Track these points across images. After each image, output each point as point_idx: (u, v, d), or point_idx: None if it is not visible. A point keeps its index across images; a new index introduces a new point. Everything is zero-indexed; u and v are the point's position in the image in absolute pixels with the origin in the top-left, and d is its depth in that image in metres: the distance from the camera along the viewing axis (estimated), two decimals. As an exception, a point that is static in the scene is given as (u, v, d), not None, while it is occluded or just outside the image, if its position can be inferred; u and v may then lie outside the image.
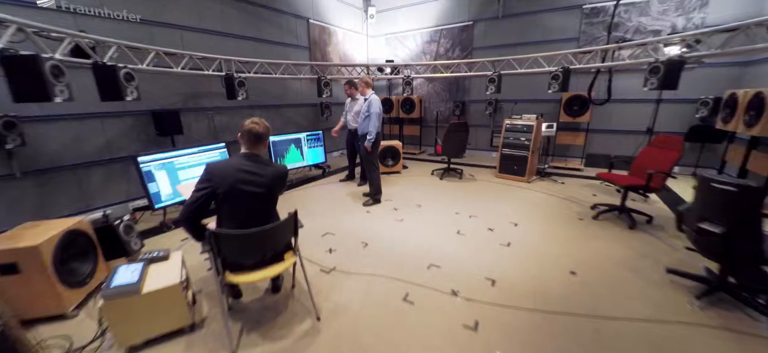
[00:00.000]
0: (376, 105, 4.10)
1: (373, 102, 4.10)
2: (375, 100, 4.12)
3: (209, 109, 5.00)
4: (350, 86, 4.89)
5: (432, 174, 5.91)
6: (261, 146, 2.16)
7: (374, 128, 4.09)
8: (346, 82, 4.96)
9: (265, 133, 2.14)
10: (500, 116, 7.09)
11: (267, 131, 2.17)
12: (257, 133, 2.10)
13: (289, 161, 5.31)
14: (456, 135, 5.27)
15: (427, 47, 7.68)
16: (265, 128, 2.15)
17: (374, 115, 4.07)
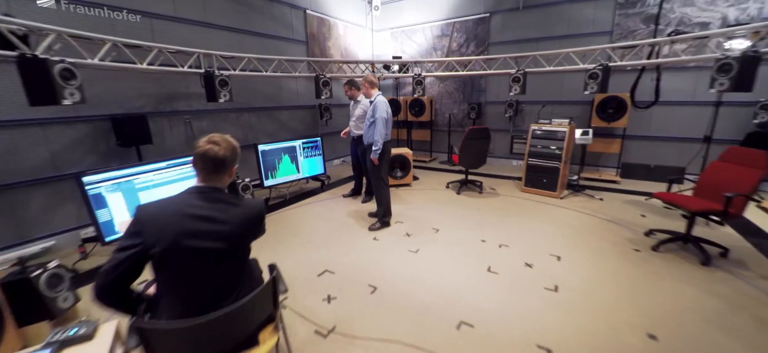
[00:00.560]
0: (383, 108, 3.37)
1: (379, 105, 3.37)
2: (381, 102, 3.39)
3: (187, 112, 4.26)
4: (351, 87, 4.16)
5: (447, 187, 5.16)
6: (223, 176, 1.42)
7: (381, 136, 3.36)
8: (346, 82, 4.22)
9: (229, 156, 1.39)
10: (521, 120, 6.35)
11: (233, 153, 1.42)
12: (216, 158, 1.35)
13: (282, 174, 4.57)
14: (475, 143, 4.52)
15: (438, 42, 6.93)
16: (230, 149, 1.40)
17: (380, 121, 3.34)
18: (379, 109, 3.34)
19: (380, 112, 3.34)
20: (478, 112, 6.53)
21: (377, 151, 3.38)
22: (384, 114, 3.36)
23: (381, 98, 3.43)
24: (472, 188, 5.01)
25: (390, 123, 3.50)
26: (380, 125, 3.33)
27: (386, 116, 3.39)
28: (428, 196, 4.77)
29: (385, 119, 3.37)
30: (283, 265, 2.90)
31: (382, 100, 3.41)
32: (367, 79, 3.47)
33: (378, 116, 3.33)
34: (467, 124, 6.93)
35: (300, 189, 5.18)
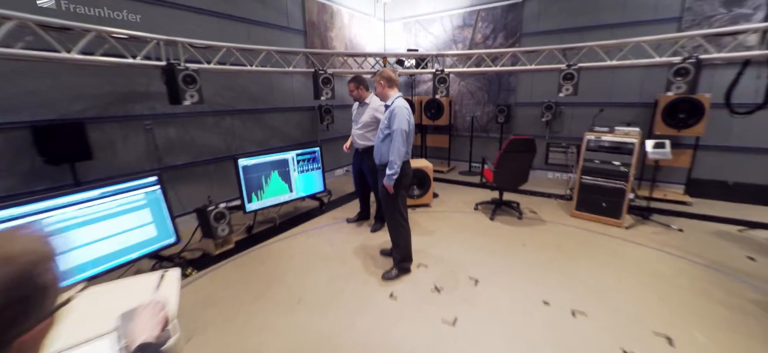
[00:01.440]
0: (404, 117, 2.40)
1: (399, 112, 2.39)
2: (402, 109, 2.42)
3: (147, 118, 3.33)
4: (358, 85, 3.21)
5: (476, 209, 4.17)
6: None
7: (400, 156, 2.40)
8: (351, 79, 3.25)
9: None
10: (559, 124, 5.33)
11: None
12: None
13: (270, 195, 3.62)
14: (516, 157, 3.52)
15: (459, 34, 5.93)
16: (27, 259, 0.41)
17: (400, 135, 2.37)
18: (398, 117, 2.38)
19: (400, 121, 2.37)
20: (507, 115, 5.53)
21: (394, 175, 2.41)
22: (405, 125, 2.40)
23: (402, 102, 2.46)
24: (508, 211, 4.02)
25: (412, 136, 2.54)
26: (399, 140, 2.37)
27: (408, 128, 2.42)
28: (455, 222, 3.78)
29: (406, 132, 2.40)
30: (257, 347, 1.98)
31: (403, 105, 2.44)
32: (384, 75, 2.50)
33: (397, 128, 2.36)
34: (493, 129, 5.93)
35: (295, 208, 4.23)
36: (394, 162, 2.38)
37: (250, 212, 3.52)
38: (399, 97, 2.49)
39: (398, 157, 2.38)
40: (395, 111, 2.39)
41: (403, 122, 2.37)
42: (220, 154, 4.00)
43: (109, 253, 2.29)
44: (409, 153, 2.54)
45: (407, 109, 2.44)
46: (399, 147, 2.37)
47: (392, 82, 2.51)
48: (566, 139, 5.34)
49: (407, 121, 2.41)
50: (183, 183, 3.69)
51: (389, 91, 2.51)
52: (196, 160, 3.77)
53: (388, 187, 2.47)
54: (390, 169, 2.40)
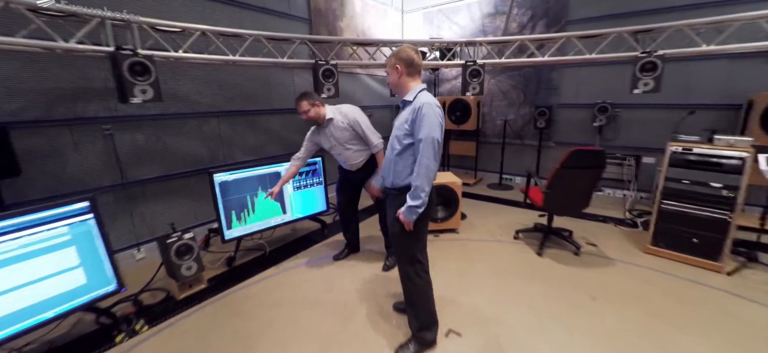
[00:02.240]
0: (436, 120, 1.59)
1: (429, 111, 1.57)
2: (432, 105, 1.60)
3: (106, 120, 2.67)
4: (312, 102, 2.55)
5: (516, 237, 3.30)
6: None
7: (429, 178, 1.59)
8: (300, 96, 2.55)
9: None
10: (614, 130, 4.38)
11: None
12: None
13: (257, 218, 2.89)
14: (580, 176, 2.63)
15: (490, 23, 5.07)
16: None
17: (431, 146, 1.56)
18: (429, 120, 1.56)
19: (432, 127, 1.56)
20: (548, 119, 4.62)
21: (419, 208, 1.62)
22: (438, 131, 1.58)
23: (429, 97, 1.64)
24: (558, 242, 3.14)
25: (441, 148, 1.71)
26: (430, 154, 1.56)
27: (439, 136, 1.61)
28: (492, 257, 2.93)
29: (439, 143, 1.60)
30: None
31: (432, 101, 1.62)
32: (402, 56, 1.68)
33: (427, 136, 1.55)
34: (530, 135, 5.03)
35: (292, 230, 3.49)
36: (420, 188, 1.58)
37: (232, 240, 2.80)
38: (424, 90, 1.68)
39: (427, 181, 1.58)
40: (423, 110, 1.56)
41: (435, 128, 1.56)
42: (203, 165, 3.32)
43: (12, 312, 1.61)
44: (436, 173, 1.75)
45: (439, 107, 1.63)
46: (429, 165, 1.56)
47: (413, 68, 1.69)
48: (622, 149, 4.39)
49: (439, 125, 1.59)
50: (154, 201, 3.02)
51: (409, 80, 1.70)
52: (172, 173, 3.10)
53: (407, 224, 1.67)
54: (413, 198, 1.60)
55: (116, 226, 2.81)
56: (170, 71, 2.98)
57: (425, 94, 1.65)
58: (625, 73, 4.08)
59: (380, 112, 5.41)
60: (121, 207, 2.82)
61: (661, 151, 4.22)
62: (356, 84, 5.04)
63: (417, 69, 1.70)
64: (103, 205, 2.71)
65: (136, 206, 2.92)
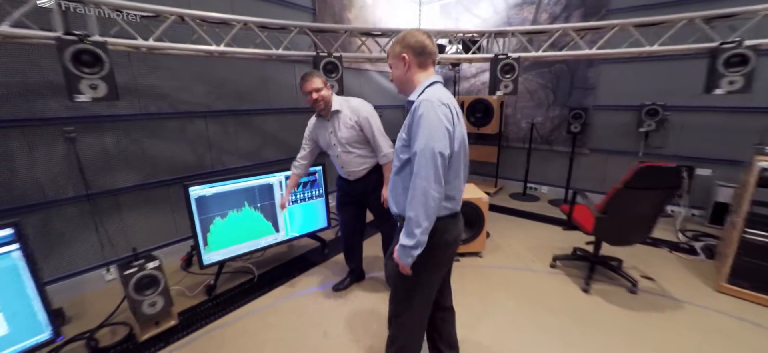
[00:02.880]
0: (438, 122, 1.10)
1: (429, 110, 1.10)
2: (435, 104, 1.11)
3: (68, 121, 2.26)
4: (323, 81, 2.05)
5: (554, 265, 2.76)
6: None
7: (426, 208, 1.10)
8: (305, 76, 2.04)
9: None
10: (662, 137, 3.77)
11: None
12: None
13: (243, 238, 2.43)
14: (647, 198, 2.04)
15: (517, 14, 4.51)
16: None
17: (430, 161, 1.08)
18: (427, 123, 1.09)
19: (431, 133, 1.09)
20: (583, 123, 4.03)
21: (413, 249, 1.14)
22: (441, 140, 1.09)
23: (438, 92, 1.18)
24: (607, 275, 2.58)
25: (463, 162, 1.26)
26: (427, 174, 1.08)
27: (448, 147, 1.12)
28: (526, 294, 2.39)
29: (443, 156, 1.10)
30: None
31: (439, 96, 1.15)
32: (408, 42, 1.24)
33: (424, 148, 1.08)
34: (560, 140, 4.45)
35: (288, 248, 3.03)
36: (414, 221, 1.11)
37: (212, 265, 2.35)
38: (434, 84, 1.22)
39: (424, 212, 1.10)
40: (420, 110, 1.11)
41: (436, 134, 1.09)
42: (188, 171, 2.89)
43: None
44: (457, 197, 1.25)
45: (448, 105, 1.14)
46: (426, 189, 1.08)
47: (425, 57, 1.23)
48: (672, 159, 3.77)
49: (444, 132, 1.10)
50: (129, 213, 2.61)
51: (419, 73, 1.25)
52: (148, 182, 2.68)
53: (404, 268, 1.19)
54: (406, 235, 1.14)
55: (81, 243, 2.41)
56: (148, 65, 2.56)
57: (433, 89, 1.19)
58: (682, 68, 3.51)
59: (391, 113, 4.90)
60: (87, 221, 2.41)
61: (721, 162, 3.66)
62: (364, 81, 4.55)
63: (430, 58, 1.25)
64: (66, 219, 2.32)
65: (108, 219, 2.50)
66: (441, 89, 1.20)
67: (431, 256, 1.19)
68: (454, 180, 1.21)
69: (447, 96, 1.17)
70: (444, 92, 1.19)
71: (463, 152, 1.24)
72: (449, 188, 1.19)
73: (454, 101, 1.19)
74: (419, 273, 1.22)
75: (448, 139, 1.11)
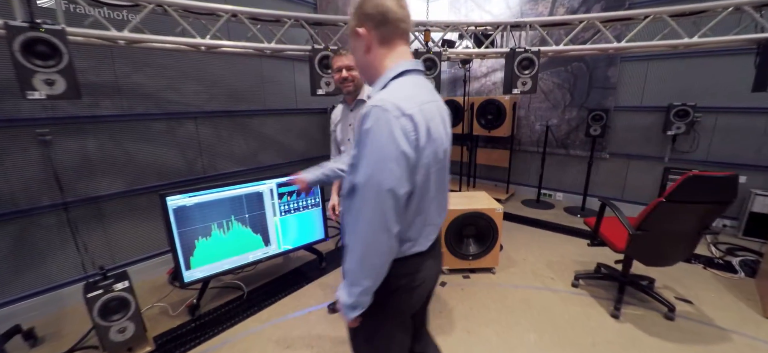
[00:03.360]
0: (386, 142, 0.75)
1: (378, 124, 0.75)
2: (383, 108, 0.76)
3: (43, 122, 2.07)
4: None
5: (575, 285, 2.47)
6: None
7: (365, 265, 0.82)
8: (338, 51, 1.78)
9: None
10: (690, 141, 3.45)
11: None
12: None
13: (228, 253, 2.21)
14: (691, 213, 1.74)
15: (531, 10, 4.24)
16: None
17: (372, 201, 0.77)
18: (374, 142, 0.76)
19: (377, 158, 0.76)
20: (604, 125, 3.73)
21: (352, 309, 0.85)
22: (390, 172, 0.76)
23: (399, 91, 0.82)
24: (638, 297, 2.29)
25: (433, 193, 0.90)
26: (374, 219, 0.78)
27: (398, 184, 0.77)
28: (547, 319, 2.12)
29: (392, 195, 0.76)
30: None
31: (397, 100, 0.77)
32: (366, 9, 0.86)
33: (366, 180, 0.77)
34: (577, 143, 4.15)
35: (284, 260, 2.81)
36: (352, 278, 0.84)
37: (194, 283, 2.13)
38: (404, 75, 0.87)
39: (364, 271, 0.82)
40: (368, 121, 0.77)
41: (387, 164, 0.76)
42: (178, 177, 2.69)
43: None
44: (427, 234, 0.95)
45: (411, 117, 0.78)
46: (367, 239, 0.80)
47: (389, 28, 0.87)
48: (701, 164, 3.46)
49: (402, 157, 0.77)
50: (113, 222, 2.41)
51: (382, 53, 0.89)
52: (134, 188, 2.48)
53: (348, 322, 0.91)
54: (345, 288, 0.86)
55: (58, 255, 2.22)
56: (134, 62, 2.37)
57: (398, 85, 0.85)
58: (718, 65, 3.19)
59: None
60: (65, 231, 2.21)
61: (758, 168, 3.30)
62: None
63: (396, 29, 0.87)
64: (42, 230, 2.13)
65: (90, 229, 2.31)
66: (411, 85, 0.85)
67: (389, 304, 0.92)
68: (416, 217, 0.88)
69: (416, 98, 0.81)
70: (414, 91, 0.84)
71: (437, 176, 0.89)
72: (411, 230, 0.88)
73: (428, 105, 0.84)
74: (376, 325, 0.94)
75: (406, 168, 0.77)
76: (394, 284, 0.90)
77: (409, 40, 0.95)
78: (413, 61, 0.90)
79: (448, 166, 0.97)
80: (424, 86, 0.90)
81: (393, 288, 0.90)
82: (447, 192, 1.01)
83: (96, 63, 2.19)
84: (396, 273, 0.88)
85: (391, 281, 0.88)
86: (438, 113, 0.88)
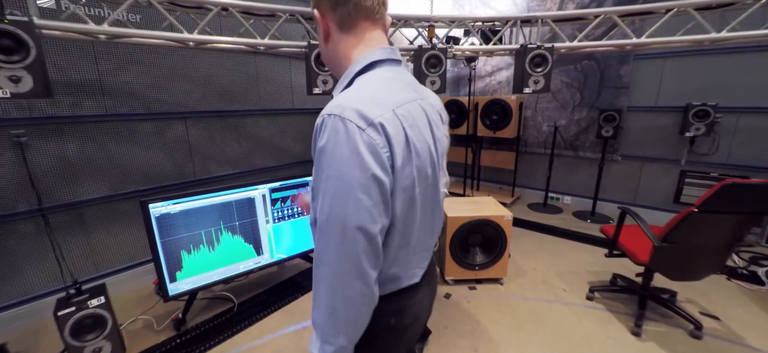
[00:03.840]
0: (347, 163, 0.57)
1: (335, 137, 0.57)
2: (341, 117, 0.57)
3: (18, 123, 1.92)
4: None
5: (590, 298, 2.29)
6: None
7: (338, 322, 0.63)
8: None
9: None
10: (710, 143, 3.27)
11: None
12: None
13: (217, 264, 2.05)
14: (724, 224, 1.58)
15: (539, 6, 4.07)
16: None
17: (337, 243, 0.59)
18: (331, 163, 0.58)
19: (339, 193, 0.58)
20: (615, 127, 3.55)
21: None
22: (360, 210, 0.58)
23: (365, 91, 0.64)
24: (660, 312, 2.11)
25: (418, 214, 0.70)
26: (341, 265, 0.60)
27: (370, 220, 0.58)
28: (561, 337, 1.95)
29: (364, 234, 0.58)
30: None
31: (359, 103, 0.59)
32: None
33: (329, 219, 0.59)
34: (587, 145, 3.97)
35: (279, 269, 2.65)
36: (322, 333, 0.64)
37: (180, 296, 1.98)
38: (373, 67, 0.69)
39: (336, 327, 0.63)
40: (321, 135, 0.59)
41: (352, 194, 0.57)
42: (167, 180, 2.55)
43: None
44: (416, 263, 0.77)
45: (380, 126, 0.59)
46: (334, 289, 0.61)
47: (346, 5, 0.67)
48: (721, 167, 3.27)
49: (372, 183, 0.58)
50: (96, 229, 2.27)
51: (344, 41, 0.70)
52: (118, 193, 2.33)
53: None
54: (316, 339, 0.66)
55: (36, 264, 2.07)
56: (118, 59, 2.22)
57: (363, 84, 0.67)
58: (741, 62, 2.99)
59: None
60: (44, 240, 2.07)
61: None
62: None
63: (360, 11, 0.68)
64: (18, 237, 1.99)
65: (70, 236, 2.17)
66: (382, 81, 0.68)
67: (376, 346, 0.74)
68: (400, 251, 0.70)
69: (389, 99, 0.63)
70: (386, 89, 0.66)
71: (422, 202, 0.69)
72: (395, 267, 0.71)
73: (408, 105, 0.66)
74: None
75: (380, 196, 0.59)
76: (380, 325, 0.71)
77: (385, 24, 0.73)
78: (386, 48, 0.70)
79: (442, 178, 0.79)
80: (400, 80, 0.70)
81: (378, 331, 0.71)
82: (440, 212, 0.82)
83: (76, 60, 2.04)
84: (380, 312, 0.69)
85: (373, 323, 0.68)
86: (422, 114, 0.69)
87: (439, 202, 0.79)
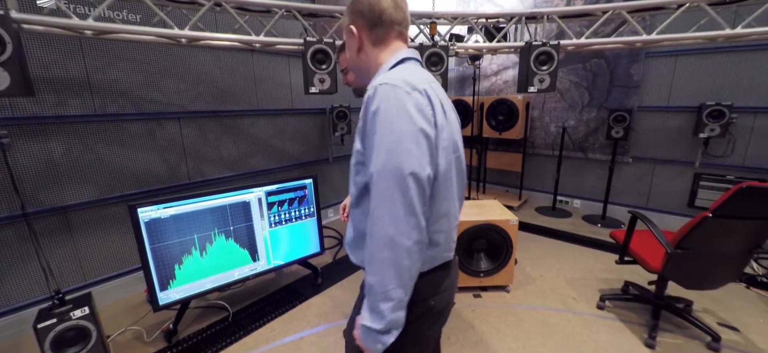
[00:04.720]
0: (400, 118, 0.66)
1: (387, 103, 0.66)
2: (392, 85, 0.68)
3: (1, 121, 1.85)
4: None
5: (601, 306, 2.17)
6: None
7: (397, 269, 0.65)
8: None
9: None
10: (725, 145, 3.14)
11: None
12: None
13: (210, 271, 1.96)
14: (741, 230, 1.48)
15: (545, 2, 3.95)
16: None
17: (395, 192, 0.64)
18: (384, 122, 0.66)
19: (391, 139, 0.65)
20: (626, 128, 3.43)
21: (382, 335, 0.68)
22: (407, 153, 0.64)
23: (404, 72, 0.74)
24: (675, 322, 2.00)
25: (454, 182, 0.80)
26: (395, 208, 0.64)
27: (421, 166, 0.65)
28: (570, 350, 1.84)
29: (415, 179, 0.64)
30: None
31: (405, 77, 0.70)
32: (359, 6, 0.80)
33: (383, 166, 0.65)
34: (596, 147, 3.85)
35: (276, 275, 2.56)
36: (379, 292, 0.66)
37: (170, 305, 1.88)
38: (405, 62, 0.80)
39: (394, 277, 0.65)
40: (376, 101, 0.68)
41: (405, 144, 0.65)
42: (159, 183, 2.46)
43: None
44: (449, 236, 0.81)
45: (424, 91, 0.71)
46: (392, 237, 0.64)
47: (383, 26, 0.79)
48: (737, 170, 3.14)
49: (420, 136, 0.66)
50: (84, 235, 2.18)
51: (378, 53, 0.82)
52: (108, 197, 2.24)
53: (364, 349, 0.72)
54: (371, 311, 0.68)
55: (19, 273, 1.99)
56: (107, 56, 2.13)
57: (401, 68, 0.77)
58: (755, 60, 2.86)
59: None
60: (27, 245, 1.99)
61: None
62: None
63: (393, 29, 0.80)
64: (0, 245, 1.90)
65: (56, 242, 2.08)
66: (414, 68, 0.79)
67: (411, 336, 0.76)
68: (440, 214, 0.77)
69: (423, 78, 0.75)
70: (418, 72, 0.77)
71: (456, 167, 0.80)
72: (434, 228, 0.76)
73: (437, 86, 0.79)
74: None
75: (427, 147, 0.67)
76: (422, 309, 0.78)
77: (407, 38, 0.87)
78: (410, 50, 0.84)
79: (463, 164, 0.86)
80: (423, 71, 0.81)
81: (421, 314, 0.78)
82: (464, 190, 0.89)
83: (62, 56, 1.96)
84: (427, 291, 0.78)
85: (418, 305, 0.75)
86: (445, 96, 0.83)
87: (464, 176, 0.87)
